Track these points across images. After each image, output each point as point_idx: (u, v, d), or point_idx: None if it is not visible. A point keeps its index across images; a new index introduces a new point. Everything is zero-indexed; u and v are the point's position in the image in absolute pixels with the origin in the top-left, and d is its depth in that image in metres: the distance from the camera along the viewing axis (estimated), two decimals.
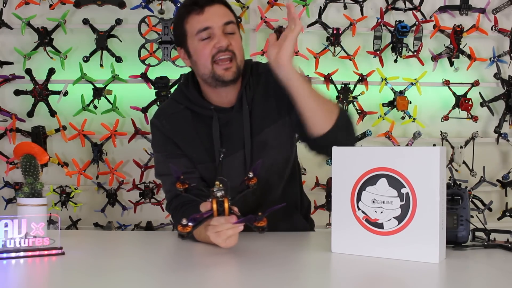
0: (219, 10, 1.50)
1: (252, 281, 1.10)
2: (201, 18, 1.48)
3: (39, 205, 1.43)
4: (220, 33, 1.48)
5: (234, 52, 1.49)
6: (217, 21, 1.48)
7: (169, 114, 1.60)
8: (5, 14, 2.68)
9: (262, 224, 1.20)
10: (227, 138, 1.56)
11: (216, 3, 1.50)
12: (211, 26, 1.47)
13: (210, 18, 1.48)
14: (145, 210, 2.77)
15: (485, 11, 2.73)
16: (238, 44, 1.52)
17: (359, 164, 1.25)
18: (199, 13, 1.48)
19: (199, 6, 1.48)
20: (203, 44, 1.49)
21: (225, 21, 1.49)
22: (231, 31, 1.50)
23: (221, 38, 1.47)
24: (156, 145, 1.63)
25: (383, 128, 2.74)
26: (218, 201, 1.22)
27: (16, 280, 1.08)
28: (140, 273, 1.14)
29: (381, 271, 1.15)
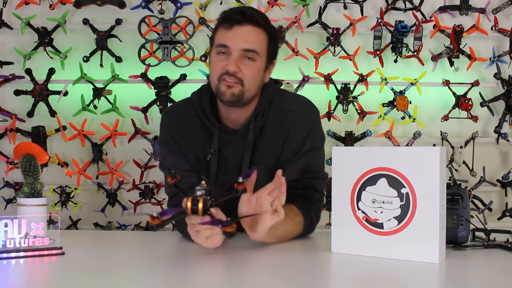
0: (247, 33, 1.45)
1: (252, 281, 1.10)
2: (226, 34, 1.45)
3: (39, 205, 1.43)
4: (236, 56, 1.44)
5: (242, 80, 1.46)
6: (238, 43, 1.44)
7: (179, 115, 1.60)
8: (5, 14, 2.68)
9: (230, 229, 1.19)
10: (224, 158, 1.55)
11: (249, 24, 1.45)
12: (230, 46, 1.44)
13: (233, 38, 1.44)
14: (145, 210, 2.76)
15: (485, 11, 2.73)
16: (251, 74, 1.46)
17: (359, 164, 1.25)
18: (227, 28, 1.45)
19: (229, 22, 1.45)
20: (218, 58, 1.47)
21: (246, 47, 1.44)
22: (250, 58, 1.46)
23: (232, 61, 1.44)
24: (161, 140, 1.64)
25: (383, 128, 2.74)
26: (193, 200, 1.21)
27: (16, 280, 1.08)
28: (140, 273, 1.14)
29: (381, 271, 1.15)
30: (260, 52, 1.47)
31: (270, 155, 1.53)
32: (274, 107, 1.55)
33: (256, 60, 1.47)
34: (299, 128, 1.53)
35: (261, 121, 1.54)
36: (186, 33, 2.66)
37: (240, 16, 1.45)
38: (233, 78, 1.45)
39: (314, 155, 1.53)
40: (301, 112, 1.55)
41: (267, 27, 1.49)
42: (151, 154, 2.68)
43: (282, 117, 1.54)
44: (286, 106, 1.56)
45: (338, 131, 2.69)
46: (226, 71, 1.45)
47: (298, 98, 1.64)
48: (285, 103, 1.56)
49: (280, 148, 1.53)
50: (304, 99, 1.63)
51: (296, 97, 1.65)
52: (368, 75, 2.68)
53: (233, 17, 1.45)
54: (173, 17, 2.66)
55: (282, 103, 1.56)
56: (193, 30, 2.66)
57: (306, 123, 1.54)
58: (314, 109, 1.59)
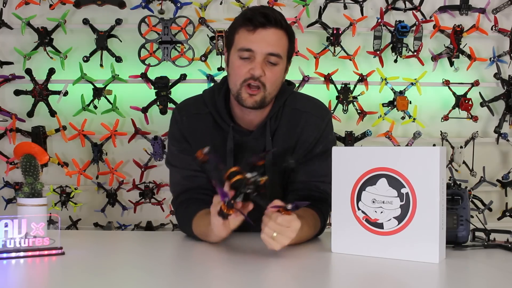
0: (271, 37, 1.43)
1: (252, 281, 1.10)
2: (250, 37, 1.43)
3: (39, 205, 1.43)
4: (260, 60, 1.43)
5: (265, 84, 1.45)
6: (263, 48, 1.42)
7: (191, 113, 1.58)
8: (5, 14, 2.68)
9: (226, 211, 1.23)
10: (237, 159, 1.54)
11: (273, 27, 1.43)
12: (254, 50, 1.43)
13: (258, 42, 1.42)
14: (145, 210, 2.77)
15: (485, 11, 2.73)
16: (274, 77, 1.46)
17: (359, 164, 1.25)
18: (250, 31, 1.43)
19: (253, 25, 1.43)
20: (241, 62, 1.45)
21: (270, 51, 1.43)
22: (274, 62, 1.45)
23: (257, 66, 1.42)
24: (172, 137, 1.62)
25: (383, 128, 2.74)
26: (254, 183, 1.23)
27: (16, 280, 1.08)
28: (140, 273, 1.14)
29: (381, 271, 1.15)
30: (283, 55, 1.46)
31: (283, 156, 1.53)
32: (288, 108, 1.55)
33: (279, 64, 1.46)
34: (312, 129, 1.53)
35: (275, 123, 1.54)
36: (186, 33, 2.66)
37: (264, 19, 1.42)
38: (256, 83, 1.44)
39: (325, 158, 1.49)
40: (314, 114, 1.55)
41: (287, 29, 1.48)
42: (151, 154, 2.68)
43: (296, 118, 1.54)
44: (300, 107, 1.55)
45: (338, 131, 2.69)
46: (251, 76, 1.43)
47: (311, 99, 1.63)
48: (299, 104, 1.56)
49: (293, 148, 1.53)
50: (317, 101, 1.63)
51: (309, 98, 1.64)
52: (368, 75, 2.68)
53: (256, 20, 1.42)
54: (173, 17, 2.66)
55: (296, 105, 1.56)
56: (193, 30, 2.66)
57: (319, 125, 1.54)
58: (327, 111, 1.60)
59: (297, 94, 1.62)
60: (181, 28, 2.64)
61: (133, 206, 2.73)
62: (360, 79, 2.68)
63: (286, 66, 1.53)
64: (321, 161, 1.51)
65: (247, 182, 1.23)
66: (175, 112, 1.61)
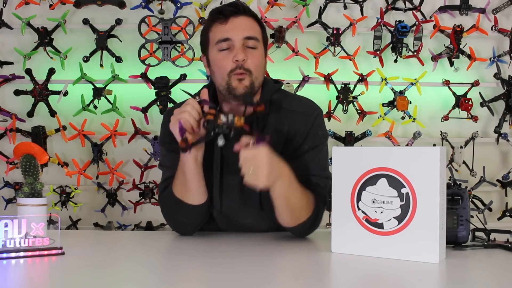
0: (244, 23, 1.46)
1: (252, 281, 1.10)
2: (223, 28, 1.45)
3: (39, 205, 1.43)
4: (239, 45, 1.45)
5: (250, 69, 1.46)
6: (239, 33, 1.45)
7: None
8: (5, 14, 2.68)
9: (182, 144, 1.32)
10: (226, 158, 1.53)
11: (243, 15, 1.47)
12: (231, 37, 1.44)
13: (232, 29, 1.45)
14: (145, 210, 2.77)
15: (485, 11, 2.73)
16: (257, 61, 1.47)
17: (359, 164, 1.25)
18: (222, 22, 1.46)
19: (224, 15, 1.46)
20: (222, 55, 1.46)
21: (247, 35, 1.45)
22: (252, 46, 1.46)
23: (238, 51, 1.44)
24: (161, 140, 1.64)
25: (383, 128, 2.75)
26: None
27: (16, 280, 1.08)
28: (140, 273, 1.14)
29: (381, 271, 1.15)
30: (260, 39, 1.49)
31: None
32: (274, 107, 1.55)
33: (258, 48, 1.48)
34: (299, 126, 1.52)
35: (262, 121, 1.54)
36: (186, 33, 2.66)
37: (233, 8, 1.47)
38: (242, 71, 1.45)
39: (316, 153, 1.51)
40: (300, 111, 1.54)
41: (257, 17, 1.52)
42: (151, 154, 2.68)
43: (282, 117, 1.54)
44: (286, 106, 1.55)
45: (338, 131, 2.69)
46: (236, 65, 1.44)
47: (298, 98, 1.64)
48: (285, 103, 1.56)
49: (281, 147, 1.53)
50: (304, 99, 1.63)
51: (296, 97, 1.65)
52: (368, 75, 2.68)
53: (226, 10, 1.46)
54: (173, 17, 2.66)
55: (283, 103, 1.56)
56: (193, 30, 2.66)
57: (306, 121, 1.53)
58: (315, 108, 1.59)
59: (285, 92, 1.62)
60: (181, 28, 2.64)
61: (133, 206, 2.73)
62: (360, 79, 2.68)
63: (264, 52, 1.54)
64: (312, 156, 1.51)
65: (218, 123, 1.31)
66: (164, 116, 1.64)
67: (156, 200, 2.72)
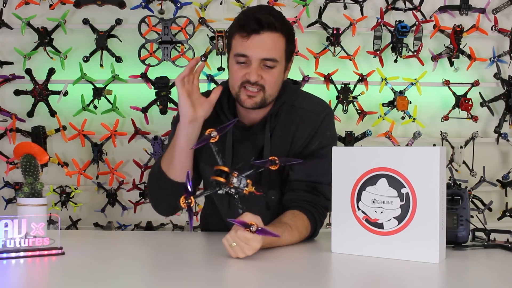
0: (265, 42, 1.44)
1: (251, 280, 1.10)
2: (244, 44, 1.44)
3: (39, 205, 1.43)
4: (256, 65, 1.44)
5: (264, 86, 1.46)
6: (257, 53, 1.44)
7: None
8: (5, 14, 2.68)
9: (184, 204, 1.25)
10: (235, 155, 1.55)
11: (266, 31, 1.43)
12: (249, 56, 1.44)
13: (252, 48, 1.44)
14: (145, 210, 2.76)
15: (485, 11, 2.73)
16: (272, 79, 1.47)
17: (359, 164, 1.25)
18: (244, 37, 1.44)
19: (246, 31, 1.44)
20: (238, 67, 1.47)
21: (265, 56, 1.44)
22: (270, 66, 1.45)
23: (253, 71, 1.44)
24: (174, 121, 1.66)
25: (383, 128, 2.74)
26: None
27: (16, 280, 1.08)
28: (140, 273, 1.14)
29: (381, 271, 1.15)
30: (278, 58, 1.47)
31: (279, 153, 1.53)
32: (286, 105, 1.56)
33: (276, 66, 1.47)
34: (307, 126, 1.52)
35: (274, 121, 1.54)
36: (186, 33, 2.66)
37: (257, 25, 1.43)
38: (254, 87, 1.46)
39: (323, 155, 1.48)
40: (309, 110, 1.54)
41: (284, 29, 1.48)
42: (151, 154, 2.68)
43: (292, 115, 1.55)
44: (297, 104, 1.56)
45: (338, 131, 2.66)
46: (247, 80, 1.45)
47: (310, 97, 1.63)
48: (297, 101, 1.56)
49: (288, 145, 1.53)
50: (316, 98, 1.63)
51: (309, 96, 1.64)
52: (368, 75, 2.68)
53: (249, 26, 1.43)
54: (173, 17, 2.66)
55: (294, 102, 1.56)
56: (193, 30, 2.66)
57: (314, 120, 1.53)
58: (325, 107, 1.59)
59: (299, 92, 1.62)
60: (181, 28, 2.64)
61: (133, 206, 2.73)
62: (360, 79, 2.68)
63: (287, 65, 1.53)
64: (319, 159, 1.51)
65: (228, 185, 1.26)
66: None
67: None
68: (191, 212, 1.25)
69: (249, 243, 1.22)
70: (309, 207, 1.48)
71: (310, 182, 1.49)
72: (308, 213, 1.46)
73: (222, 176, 1.26)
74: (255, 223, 1.21)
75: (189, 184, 1.24)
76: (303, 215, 1.45)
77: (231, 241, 1.23)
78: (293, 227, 1.40)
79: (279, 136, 1.54)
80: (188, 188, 1.23)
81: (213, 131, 1.32)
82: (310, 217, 1.46)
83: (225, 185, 1.26)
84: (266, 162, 1.34)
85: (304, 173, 1.51)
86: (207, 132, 1.32)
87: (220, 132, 1.32)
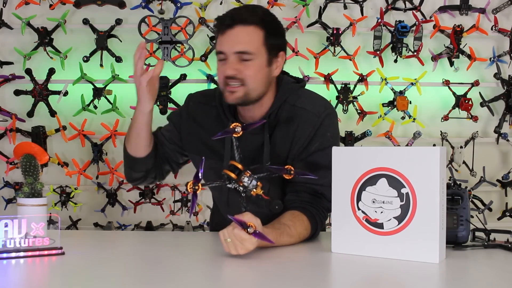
0: (238, 35, 1.45)
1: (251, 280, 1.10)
2: (220, 40, 1.47)
3: (39, 205, 1.43)
4: (232, 59, 1.46)
5: (244, 80, 1.46)
6: (230, 47, 1.45)
7: (198, 101, 1.66)
8: (5, 14, 2.68)
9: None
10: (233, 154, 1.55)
11: (238, 25, 1.45)
12: (224, 51, 1.46)
13: (226, 43, 1.46)
14: (145, 210, 2.77)
15: (485, 11, 2.73)
16: (251, 72, 1.46)
17: (359, 164, 1.25)
18: (221, 33, 1.47)
19: (221, 28, 1.47)
20: (219, 64, 1.49)
21: (238, 49, 1.45)
22: (246, 59, 1.46)
23: (228, 66, 1.46)
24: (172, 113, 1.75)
25: (383, 128, 2.74)
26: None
27: (16, 280, 1.08)
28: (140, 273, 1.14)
29: (381, 271, 1.15)
30: (254, 51, 1.46)
31: (279, 153, 1.53)
32: (287, 105, 1.55)
33: (253, 59, 1.47)
34: (307, 126, 1.51)
35: (274, 120, 1.54)
36: (186, 33, 2.66)
37: (229, 20, 1.46)
38: (235, 81, 1.46)
39: (323, 156, 1.47)
40: (310, 110, 1.53)
41: (261, 23, 1.48)
42: None
43: (292, 115, 1.54)
44: (298, 104, 1.54)
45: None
46: (228, 76, 1.47)
47: (312, 97, 1.61)
48: (298, 101, 1.55)
49: (289, 145, 1.53)
50: (318, 98, 1.61)
51: (311, 95, 1.62)
52: (368, 75, 2.68)
53: (223, 22, 1.47)
54: (173, 17, 2.66)
55: (295, 101, 1.55)
56: (193, 30, 2.66)
57: (314, 121, 1.52)
58: (326, 107, 1.57)
59: (301, 91, 1.60)
60: (181, 28, 2.64)
61: (133, 206, 2.73)
62: (360, 79, 2.68)
63: (270, 59, 1.51)
64: (320, 160, 1.50)
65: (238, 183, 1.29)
66: (187, 96, 1.72)
67: (156, 200, 2.72)
68: (195, 197, 1.28)
69: (243, 243, 1.22)
70: (309, 208, 1.47)
71: (311, 183, 1.49)
72: (308, 214, 1.46)
73: (235, 172, 1.28)
74: (253, 224, 1.21)
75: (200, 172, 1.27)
76: (303, 216, 1.45)
77: (226, 236, 1.24)
78: (292, 228, 1.40)
79: (280, 136, 1.53)
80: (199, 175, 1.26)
81: (238, 126, 1.33)
82: (311, 218, 1.46)
83: (235, 181, 1.28)
84: (282, 170, 1.34)
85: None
86: (232, 126, 1.34)
87: (244, 129, 1.35)
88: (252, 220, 1.22)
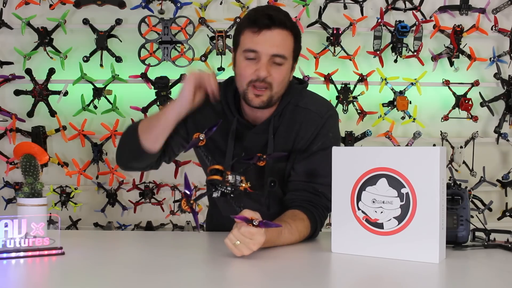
0: (276, 38, 1.44)
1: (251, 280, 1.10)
2: (255, 39, 1.44)
3: (39, 205, 1.43)
4: (265, 61, 1.44)
5: (272, 84, 1.46)
6: (268, 49, 1.43)
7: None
8: (5, 14, 2.68)
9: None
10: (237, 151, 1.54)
11: (277, 28, 1.43)
12: (259, 51, 1.44)
13: (262, 43, 1.43)
14: (145, 210, 2.77)
15: (485, 11, 2.73)
16: (280, 77, 1.47)
17: (359, 164, 1.25)
18: (255, 32, 1.44)
19: (257, 26, 1.44)
20: (246, 63, 1.46)
21: (275, 52, 1.44)
22: (279, 63, 1.45)
23: (262, 67, 1.44)
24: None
25: (383, 128, 2.74)
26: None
27: (16, 280, 1.08)
28: (140, 273, 1.14)
29: (381, 271, 1.16)
30: (288, 56, 1.47)
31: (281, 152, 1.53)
32: (291, 106, 1.55)
33: (284, 64, 1.47)
34: (310, 125, 1.52)
35: (278, 120, 1.54)
36: (186, 33, 2.66)
37: (268, 20, 1.43)
38: (262, 84, 1.45)
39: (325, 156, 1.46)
40: (313, 110, 1.54)
41: (293, 28, 1.48)
42: None
43: (295, 115, 1.54)
44: (301, 104, 1.55)
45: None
46: (257, 77, 1.44)
47: (315, 97, 1.62)
48: (302, 101, 1.56)
49: (291, 144, 1.53)
50: (321, 99, 1.62)
51: (313, 96, 1.63)
52: (368, 75, 2.68)
53: (261, 21, 1.43)
54: (173, 17, 2.66)
55: (299, 102, 1.56)
56: (193, 30, 2.66)
57: (317, 121, 1.53)
58: (328, 108, 1.58)
59: (304, 92, 1.61)
60: (181, 28, 2.64)
61: (133, 206, 2.73)
62: (360, 79, 2.68)
63: (293, 65, 1.53)
64: (321, 160, 1.50)
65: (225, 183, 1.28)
66: None
67: (156, 200, 2.72)
68: (195, 213, 1.26)
69: (253, 238, 1.22)
70: (310, 207, 1.48)
71: (311, 182, 1.49)
72: (308, 213, 1.46)
73: (218, 175, 1.27)
74: (255, 217, 1.21)
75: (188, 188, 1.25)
76: (304, 215, 1.45)
77: (234, 240, 1.23)
78: (293, 226, 1.40)
79: (282, 136, 1.54)
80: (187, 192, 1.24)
81: (200, 134, 1.34)
82: (311, 217, 1.47)
83: (222, 183, 1.27)
84: (254, 158, 1.37)
85: (306, 175, 1.51)
86: (195, 136, 1.34)
87: (207, 135, 1.35)
88: (252, 214, 1.23)
